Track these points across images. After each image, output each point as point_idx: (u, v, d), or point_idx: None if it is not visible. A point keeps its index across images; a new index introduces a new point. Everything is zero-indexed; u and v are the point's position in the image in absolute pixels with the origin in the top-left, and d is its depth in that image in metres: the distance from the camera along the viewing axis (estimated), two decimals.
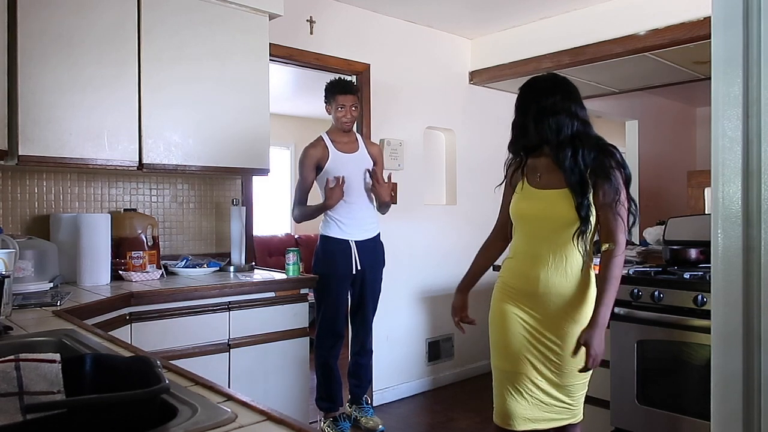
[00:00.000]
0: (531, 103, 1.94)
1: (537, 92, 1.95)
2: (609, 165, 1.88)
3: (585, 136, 1.92)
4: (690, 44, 3.25)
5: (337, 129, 3.18)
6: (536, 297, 1.95)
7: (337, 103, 3.11)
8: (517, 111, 2.00)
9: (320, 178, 3.14)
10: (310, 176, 3.14)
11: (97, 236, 2.51)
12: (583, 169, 1.88)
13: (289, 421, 0.85)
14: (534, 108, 1.92)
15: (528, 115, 1.94)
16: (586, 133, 1.93)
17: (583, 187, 1.87)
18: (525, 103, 1.97)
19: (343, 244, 3.11)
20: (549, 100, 1.91)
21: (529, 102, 1.95)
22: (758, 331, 1.22)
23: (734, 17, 1.24)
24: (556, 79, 2.00)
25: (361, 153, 3.20)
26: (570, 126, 1.91)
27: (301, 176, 3.15)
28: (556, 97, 1.92)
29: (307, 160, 3.12)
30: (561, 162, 1.89)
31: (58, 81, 2.37)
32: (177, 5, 2.69)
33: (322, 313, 3.16)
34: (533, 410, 1.97)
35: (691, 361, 2.64)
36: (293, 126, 7.31)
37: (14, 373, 0.93)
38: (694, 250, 3.01)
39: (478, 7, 3.76)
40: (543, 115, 1.90)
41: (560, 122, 1.90)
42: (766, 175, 1.20)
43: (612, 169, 1.88)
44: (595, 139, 1.94)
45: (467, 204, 4.35)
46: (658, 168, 5.94)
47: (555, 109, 1.90)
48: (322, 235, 3.18)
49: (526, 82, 2.03)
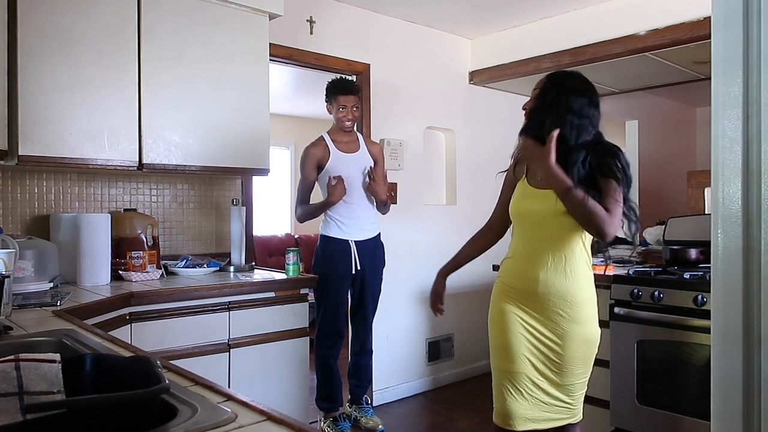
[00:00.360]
0: (558, 99, 1.88)
1: (567, 90, 1.89)
2: (613, 164, 1.87)
3: (599, 145, 1.91)
4: (690, 44, 3.25)
5: (338, 129, 3.18)
6: (536, 297, 1.95)
7: (339, 103, 3.11)
8: (537, 101, 1.93)
9: (321, 177, 3.14)
10: (312, 175, 3.14)
11: (97, 236, 2.51)
12: (589, 173, 1.87)
13: (289, 421, 0.85)
14: (561, 104, 1.87)
15: (551, 109, 1.88)
16: (600, 142, 1.93)
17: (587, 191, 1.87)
18: (551, 97, 1.90)
19: (343, 244, 3.11)
20: (577, 101, 1.87)
21: (557, 97, 1.88)
22: (758, 331, 1.22)
23: (734, 17, 1.24)
24: (586, 81, 1.95)
25: (362, 153, 3.20)
26: (590, 133, 1.90)
27: (302, 176, 3.16)
28: (584, 100, 1.89)
29: (308, 160, 3.12)
30: (569, 166, 1.85)
31: (58, 81, 2.37)
32: (177, 5, 2.69)
33: (322, 312, 3.16)
34: (533, 410, 1.97)
35: (691, 361, 2.64)
36: (293, 126, 7.31)
37: (14, 373, 0.93)
38: (694, 250, 3.01)
39: (478, 7, 3.76)
40: (567, 115, 1.86)
41: (582, 127, 1.88)
42: (766, 175, 1.20)
43: (615, 168, 1.87)
44: (605, 145, 1.93)
45: (467, 204, 4.35)
46: (658, 168, 5.94)
47: (582, 113, 1.87)
48: (322, 234, 3.18)
49: (556, 75, 1.96)
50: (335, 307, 3.14)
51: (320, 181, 3.16)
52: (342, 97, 3.10)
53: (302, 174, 3.16)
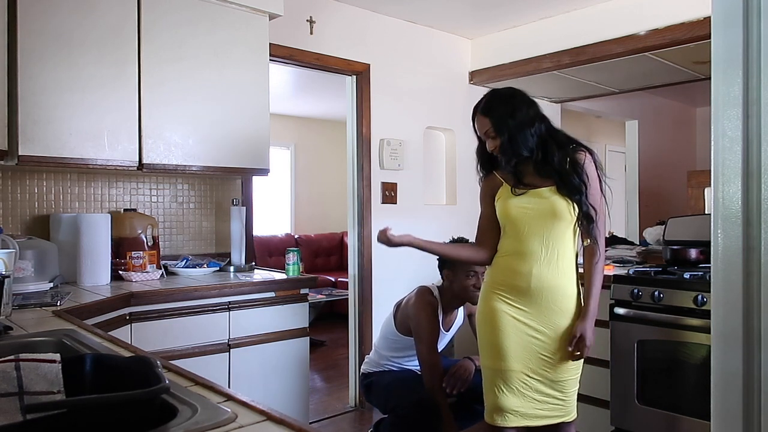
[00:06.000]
0: (509, 122, 1.97)
1: (510, 112, 1.98)
2: (582, 160, 1.98)
3: (555, 133, 2.03)
4: (690, 44, 3.25)
5: (455, 296, 2.63)
6: (528, 292, 1.97)
7: (467, 267, 2.52)
8: (498, 138, 1.99)
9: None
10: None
11: (97, 236, 2.51)
12: (571, 168, 1.96)
13: (289, 421, 0.85)
14: (512, 124, 1.96)
15: (506, 132, 1.97)
16: (555, 129, 2.04)
17: (578, 185, 1.93)
18: (501, 123, 1.98)
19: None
20: (523, 111, 1.98)
21: (506, 121, 1.97)
22: (758, 331, 1.22)
23: (734, 17, 1.24)
24: (511, 91, 2.06)
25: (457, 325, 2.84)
26: (543, 128, 2.01)
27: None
28: (524, 108, 1.99)
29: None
30: (550, 162, 1.96)
31: (58, 81, 2.37)
32: (177, 5, 2.69)
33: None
34: (525, 407, 1.98)
35: (691, 361, 2.64)
36: (293, 126, 7.32)
37: (14, 373, 0.93)
38: (694, 250, 3.01)
39: (479, 7, 3.76)
40: (527, 129, 1.96)
41: (536, 129, 1.98)
42: (766, 175, 1.20)
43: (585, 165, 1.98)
44: (563, 134, 2.05)
45: (467, 204, 4.34)
46: (658, 168, 5.94)
47: (531, 120, 1.98)
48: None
49: (487, 102, 2.04)
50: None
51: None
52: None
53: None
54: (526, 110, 1.99)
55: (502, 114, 1.98)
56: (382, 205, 3.82)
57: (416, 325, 2.57)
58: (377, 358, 2.77)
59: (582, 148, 2.01)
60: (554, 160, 1.95)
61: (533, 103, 2.04)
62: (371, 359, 2.81)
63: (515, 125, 1.96)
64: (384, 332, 2.77)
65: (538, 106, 2.04)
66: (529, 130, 1.96)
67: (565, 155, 1.97)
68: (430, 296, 2.62)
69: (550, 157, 1.96)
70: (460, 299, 2.64)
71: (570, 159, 1.97)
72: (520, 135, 1.96)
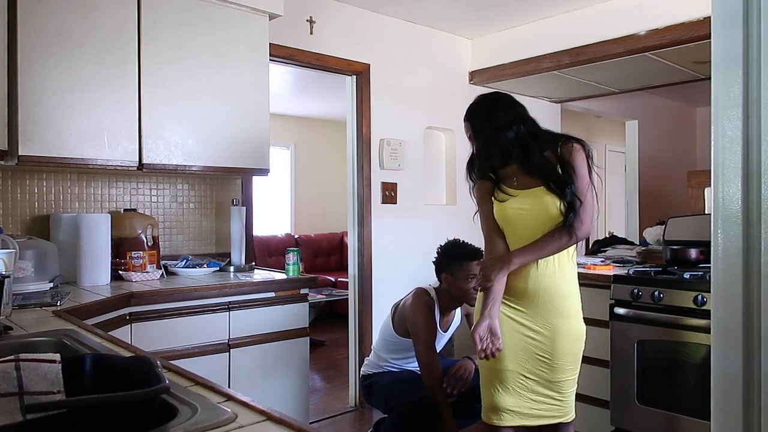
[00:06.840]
0: (484, 126, 2.00)
1: (488, 113, 2.01)
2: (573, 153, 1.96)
3: (539, 132, 2.01)
4: (690, 44, 3.25)
5: (453, 298, 2.66)
6: (525, 293, 1.97)
7: (467, 271, 2.57)
8: (475, 138, 2.06)
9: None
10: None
11: (97, 236, 2.51)
12: (556, 163, 1.95)
13: (289, 421, 0.85)
14: (486, 128, 1.99)
15: (489, 142, 1.99)
16: (539, 130, 2.03)
17: (564, 179, 1.92)
18: (479, 129, 2.02)
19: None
20: (498, 117, 1.98)
21: (482, 126, 2.01)
22: (758, 331, 1.21)
23: (734, 17, 1.24)
24: (494, 95, 2.09)
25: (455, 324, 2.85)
26: (522, 129, 1.99)
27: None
28: (501, 113, 1.99)
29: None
30: (534, 163, 1.95)
31: (58, 81, 2.37)
32: (177, 5, 2.69)
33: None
34: (521, 406, 1.98)
35: (690, 361, 2.65)
36: (293, 126, 7.32)
37: (14, 373, 0.93)
38: (694, 250, 3.01)
39: (479, 7, 3.76)
40: (502, 134, 1.97)
41: (517, 131, 1.97)
42: (766, 175, 1.20)
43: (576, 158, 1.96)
44: (548, 133, 2.04)
45: (467, 204, 4.32)
46: (658, 168, 5.95)
47: (508, 125, 1.97)
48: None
49: (469, 108, 2.09)
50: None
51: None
52: (470, 263, 2.58)
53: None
54: (503, 114, 1.98)
55: (479, 118, 2.02)
56: (382, 205, 3.82)
57: (414, 325, 2.58)
58: (377, 360, 2.78)
59: (571, 140, 1.99)
60: (535, 160, 1.95)
61: (515, 106, 2.03)
62: (371, 361, 2.81)
63: (489, 129, 1.98)
64: (382, 334, 2.78)
65: (521, 109, 2.03)
66: (504, 134, 1.95)
67: (550, 152, 1.96)
68: (427, 297, 2.63)
69: (533, 158, 1.95)
70: (458, 301, 2.65)
71: (557, 155, 1.95)
72: (495, 139, 1.97)
